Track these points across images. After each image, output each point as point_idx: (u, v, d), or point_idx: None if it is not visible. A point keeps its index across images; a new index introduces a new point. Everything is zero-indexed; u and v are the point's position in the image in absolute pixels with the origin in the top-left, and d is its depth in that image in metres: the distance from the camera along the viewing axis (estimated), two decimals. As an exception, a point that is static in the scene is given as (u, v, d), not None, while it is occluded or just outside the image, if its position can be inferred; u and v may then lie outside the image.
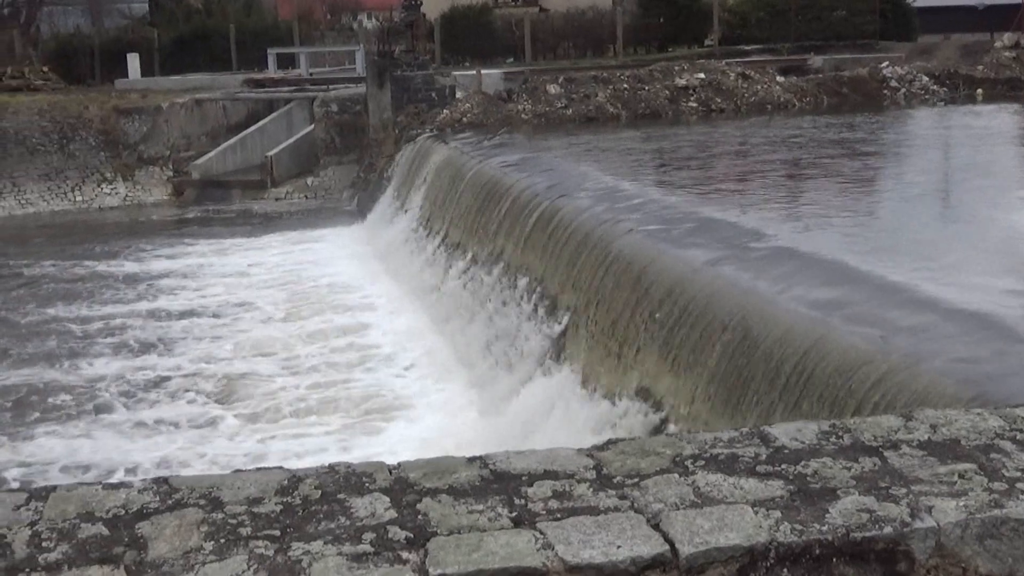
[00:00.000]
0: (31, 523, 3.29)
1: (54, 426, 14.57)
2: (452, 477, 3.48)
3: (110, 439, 14.04)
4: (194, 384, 16.01)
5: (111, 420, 14.73)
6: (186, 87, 40.37)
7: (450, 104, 29.61)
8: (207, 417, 14.67)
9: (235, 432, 14.08)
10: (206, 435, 14.07)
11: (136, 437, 14.09)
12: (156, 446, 13.71)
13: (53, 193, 33.95)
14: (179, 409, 15.01)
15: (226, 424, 14.39)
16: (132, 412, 14.98)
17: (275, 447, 13.34)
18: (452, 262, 18.77)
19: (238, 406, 15.01)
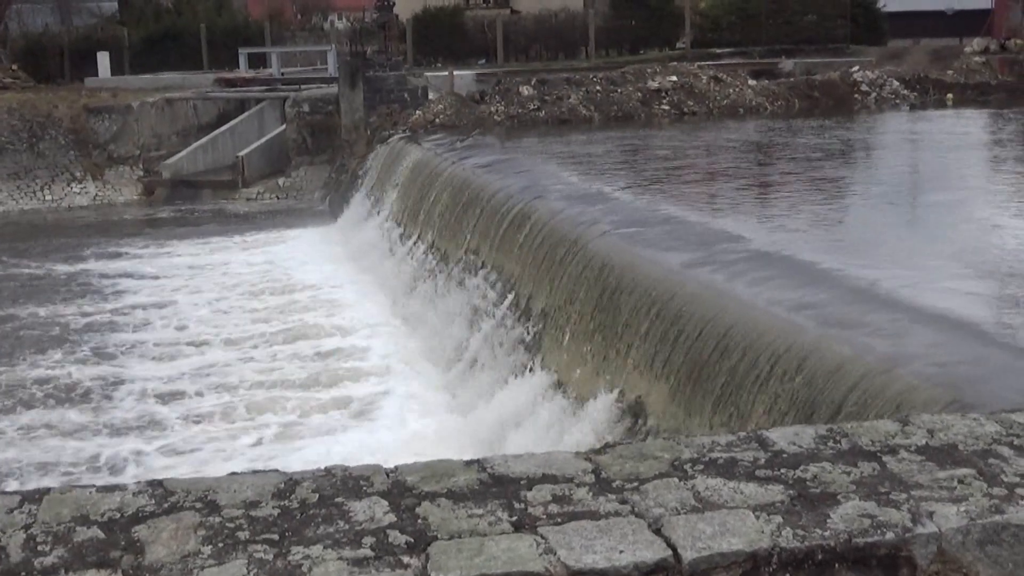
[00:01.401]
0: (25, 526, 3.25)
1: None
2: (450, 481, 3.46)
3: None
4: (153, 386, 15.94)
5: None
6: (157, 86, 40.17)
7: (423, 105, 29.57)
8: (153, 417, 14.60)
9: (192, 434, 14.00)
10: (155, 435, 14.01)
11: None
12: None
13: (22, 192, 33.70)
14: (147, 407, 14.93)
15: (181, 426, 14.32)
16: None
17: (231, 445, 13.30)
18: (426, 263, 18.74)
19: (193, 406, 14.95)
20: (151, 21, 53.71)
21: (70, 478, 12.47)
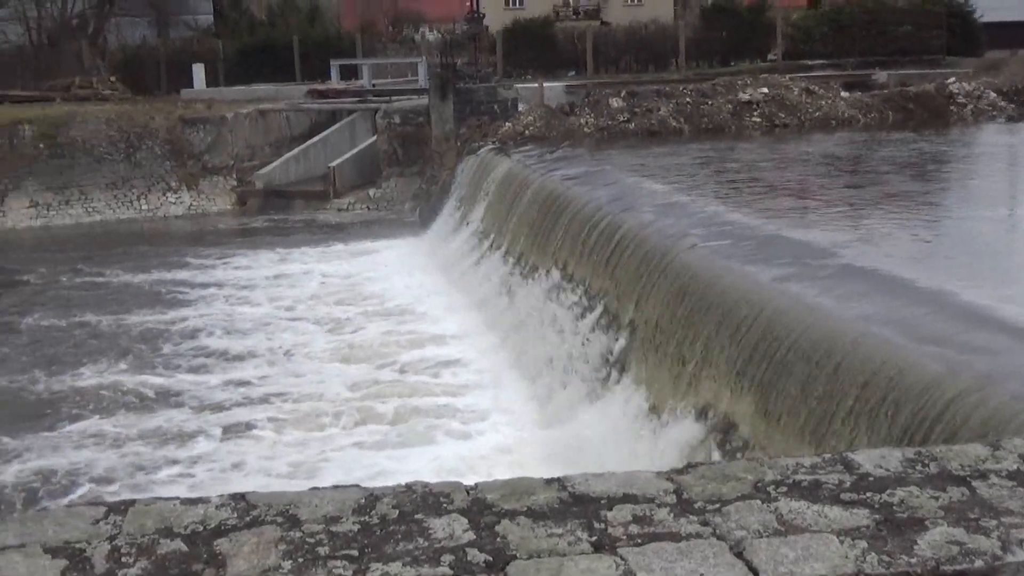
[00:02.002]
0: (110, 537, 3.28)
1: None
2: (530, 499, 3.44)
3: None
4: (256, 389, 16.11)
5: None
6: (250, 97, 40.73)
7: (512, 117, 29.62)
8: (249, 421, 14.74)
9: (283, 442, 14.11)
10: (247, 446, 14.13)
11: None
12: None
13: (119, 201, 34.35)
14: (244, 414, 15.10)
15: (276, 433, 14.44)
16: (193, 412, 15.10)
17: (319, 454, 13.38)
18: (513, 275, 18.76)
19: (288, 411, 15.07)
20: (245, 33, 54.51)
21: (152, 489, 12.63)
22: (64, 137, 34.77)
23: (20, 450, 14.25)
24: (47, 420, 15.44)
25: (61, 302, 23.05)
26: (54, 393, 16.74)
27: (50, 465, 13.65)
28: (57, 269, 26.49)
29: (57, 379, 17.38)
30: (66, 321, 21.24)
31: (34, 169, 34.21)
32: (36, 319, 21.59)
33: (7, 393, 16.96)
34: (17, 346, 19.78)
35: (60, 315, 21.72)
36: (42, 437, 14.70)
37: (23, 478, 13.36)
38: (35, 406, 16.24)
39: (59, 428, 15.06)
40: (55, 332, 20.56)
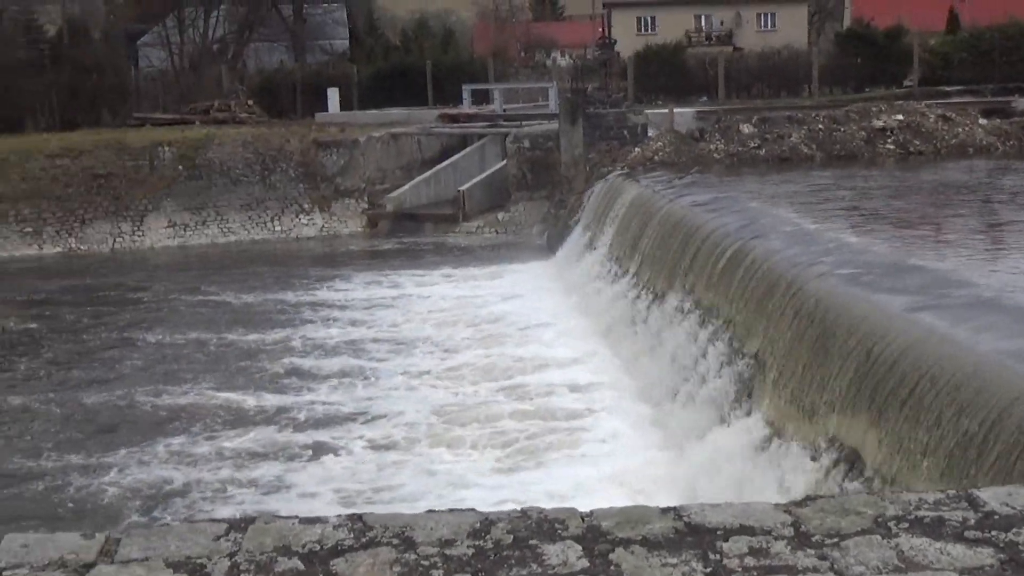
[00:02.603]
0: (230, 554, 3.35)
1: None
2: (645, 528, 3.42)
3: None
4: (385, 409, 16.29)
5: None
6: (383, 121, 41.28)
7: (642, 142, 29.55)
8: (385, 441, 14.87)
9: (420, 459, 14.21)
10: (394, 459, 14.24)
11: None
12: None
13: (254, 222, 35.08)
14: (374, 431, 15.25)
15: (392, 451, 14.55)
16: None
17: (434, 474, 13.44)
18: (640, 300, 18.68)
19: (406, 431, 15.19)
20: (380, 58, 55.30)
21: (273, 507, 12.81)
22: (202, 159, 35.64)
23: (128, 464, 14.59)
24: (157, 434, 15.79)
25: (185, 319, 23.63)
26: (165, 408, 17.15)
27: (160, 478, 13.96)
28: (187, 287, 27.17)
29: (171, 394, 17.81)
30: (186, 338, 21.77)
31: (173, 190, 35.12)
32: (157, 335, 22.23)
33: (122, 406, 17.41)
34: (135, 361, 20.29)
35: (183, 332, 22.27)
36: (147, 451, 15.03)
37: (133, 489, 13.68)
38: (147, 420, 16.64)
39: (165, 442, 15.40)
40: (173, 348, 21.07)
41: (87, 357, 20.91)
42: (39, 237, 34.20)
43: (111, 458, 14.84)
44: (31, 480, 14.33)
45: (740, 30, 71.71)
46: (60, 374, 19.74)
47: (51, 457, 15.10)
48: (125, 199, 34.95)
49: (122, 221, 34.67)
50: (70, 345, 22.03)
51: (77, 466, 14.66)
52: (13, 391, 18.69)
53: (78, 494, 13.69)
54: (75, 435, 16.12)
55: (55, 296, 27.49)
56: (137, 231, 34.63)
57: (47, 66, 47.62)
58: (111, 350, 21.34)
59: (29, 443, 15.86)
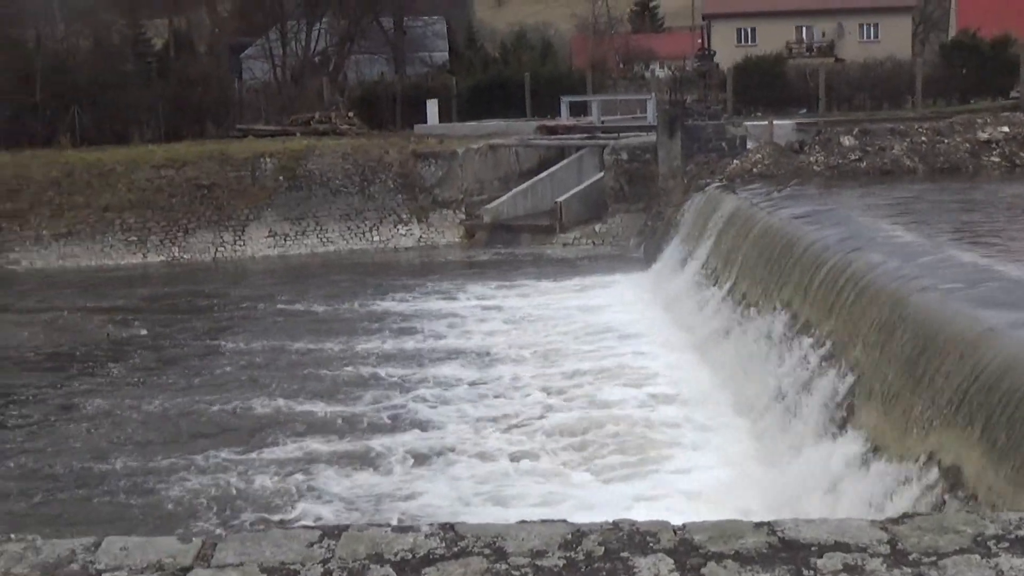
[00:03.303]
0: (323, 560, 3.38)
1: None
2: (738, 542, 3.39)
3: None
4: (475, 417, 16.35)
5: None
6: (481, 133, 41.48)
7: (740, 154, 29.35)
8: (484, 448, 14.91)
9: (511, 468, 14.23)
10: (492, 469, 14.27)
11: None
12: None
13: (352, 232, 35.44)
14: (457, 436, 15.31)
15: (481, 461, 14.58)
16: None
17: (526, 485, 13.44)
18: (737, 314, 18.54)
19: (496, 440, 15.22)
20: (479, 70, 55.55)
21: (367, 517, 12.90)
22: (302, 170, 36.10)
23: (216, 469, 14.79)
24: (244, 439, 16.01)
25: (283, 328, 23.91)
26: (255, 415, 17.40)
27: (245, 483, 14.13)
28: (285, 296, 27.51)
29: (261, 401, 18.05)
30: (282, 346, 22.06)
31: (274, 200, 35.61)
32: (253, 343, 22.57)
33: (213, 412, 17.70)
34: (228, 368, 20.61)
35: (280, 340, 22.58)
36: (237, 456, 15.24)
37: (217, 495, 13.85)
38: (235, 426, 16.89)
39: (253, 448, 15.61)
40: (266, 356, 21.36)
41: (181, 363, 21.26)
42: (144, 246, 34.87)
43: (193, 461, 15.09)
44: (106, 482, 14.59)
45: (842, 41, 70.93)
46: (152, 379, 20.04)
47: (128, 459, 15.37)
48: (227, 209, 35.51)
49: (224, 231, 35.22)
50: (166, 352, 22.41)
51: (156, 469, 14.91)
52: (100, 395, 19.06)
53: (155, 497, 13.90)
54: (158, 438, 16.41)
55: (157, 304, 28.01)
56: (238, 241, 35.16)
57: (154, 79, 48.57)
58: (205, 357, 21.67)
59: (108, 445, 16.15)
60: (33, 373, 21.03)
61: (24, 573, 3.61)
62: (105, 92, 44.74)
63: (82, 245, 34.73)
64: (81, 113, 43.32)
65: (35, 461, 15.61)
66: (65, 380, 20.35)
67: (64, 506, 13.95)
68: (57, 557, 3.67)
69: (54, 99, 43.75)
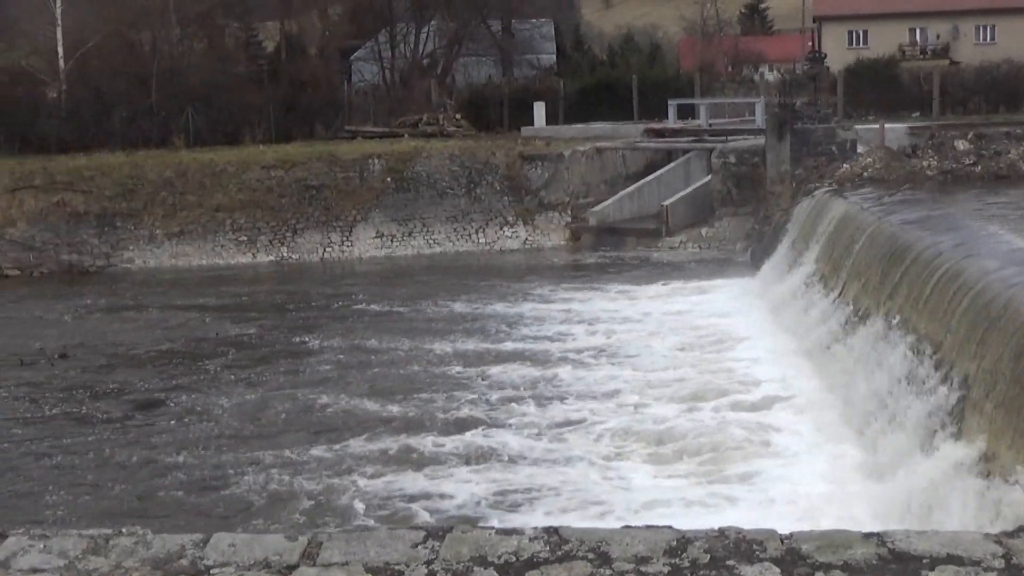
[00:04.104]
0: (427, 561, 3.39)
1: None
2: (847, 552, 3.33)
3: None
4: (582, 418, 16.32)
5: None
6: (587, 135, 41.46)
7: (851, 158, 28.94)
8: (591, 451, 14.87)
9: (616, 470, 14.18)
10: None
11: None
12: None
13: (458, 234, 35.62)
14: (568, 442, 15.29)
15: (589, 466, 14.53)
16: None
17: (629, 490, 13.37)
18: (846, 320, 18.28)
19: (599, 446, 15.16)
20: (586, 73, 55.54)
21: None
22: (410, 171, 36.36)
23: (314, 465, 14.94)
24: (343, 436, 16.18)
25: (388, 327, 24.12)
26: (353, 412, 17.60)
27: (348, 481, 14.26)
28: (392, 296, 27.76)
29: (362, 399, 18.24)
30: (386, 345, 22.25)
31: (381, 201, 35.92)
32: (356, 341, 22.84)
33: (296, 410, 17.93)
34: (327, 367, 20.87)
35: (384, 339, 22.81)
36: (332, 453, 15.45)
37: (313, 490, 13.99)
38: (335, 424, 17.07)
39: (351, 445, 15.81)
40: (369, 355, 21.57)
41: (286, 361, 21.52)
42: (253, 246, 35.38)
43: (288, 458, 15.33)
44: (204, 476, 14.86)
45: (957, 43, 69.58)
46: (257, 377, 20.30)
47: (229, 454, 15.67)
48: (335, 210, 35.89)
49: (332, 231, 35.60)
50: (272, 350, 22.72)
51: (253, 464, 15.17)
52: (207, 391, 19.47)
53: (252, 492, 14.10)
54: (257, 434, 16.73)
55: (266, 303, 28.41)
56: (346, 241, 35.51)
57: (265, 81, 49.27)
58: (309, 355, 21.94)
59: (213, 441, 16.46)
60: (143, 370, 21.45)
61: (135, 567, 3.67)
62: (218, 94, 45.47)
63: (194, 244, 35.35)
64: (194, 115, 44.06)
65: (139, 455, 15.93)
66: (173, 377, 20.73)
67: (165, 500, 14.20)
68: (167, 552, 3.73)
69: (169, 101, 44.56)
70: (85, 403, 19.00)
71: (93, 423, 17.75)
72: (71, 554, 3.82)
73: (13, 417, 18.18)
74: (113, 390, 19.88)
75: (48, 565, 3.77)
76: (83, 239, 35.09)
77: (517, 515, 12.71)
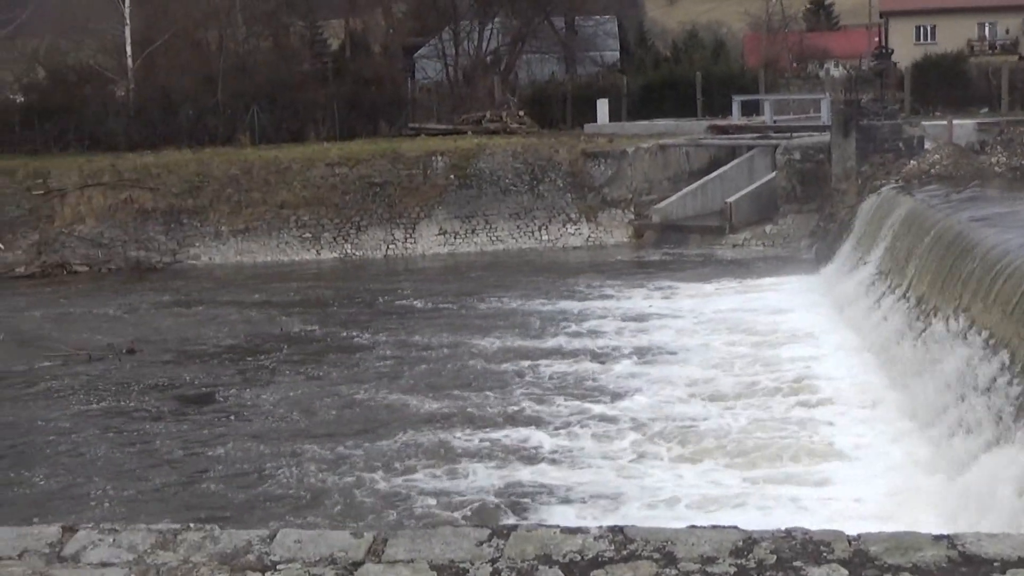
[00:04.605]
0: (492, 560, 3.39)
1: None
2: (916, 555, 3.30)
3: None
4: (641, 416, 16.26)
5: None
6: (651, 132, 41.30)
7: (918, 155, 28.65)
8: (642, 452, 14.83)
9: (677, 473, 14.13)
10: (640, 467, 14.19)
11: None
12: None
13: (521, 231, 35.64)
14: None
15: (660, 463, 14.48)
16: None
17: (698, 488, 13.31)
18: (911, 318, 18.09)
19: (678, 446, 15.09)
20: (650, 70, 55.30)
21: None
22: (473, 169, 36.43)
23: (374, 460, 15.01)
24: (402, 431, 16.26)
25: (452, 324, 24.24)
26: (400, 407, 17.69)
27: (408, 479, 14.31)
28: (455, 293, 27.85)
29: (424, 394, 18.38)
30: (447, 341, 22.35)
31: (444, 199, 36.03)
32: (416, 337, 22.98)
33: (354, 405, 18.07)
34: (388, 362, 21.03)
35: (446, 335, 22.92)
36: (393, 447, 15.58)
37: (374, 486, 14.06)
38: (392, 419, 17.18)
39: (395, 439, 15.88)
40: (429, 351, 21.69)
41: (349, 356, 21.70)
42: (317, 242, 35.61)
43: (349, 452, 15.43)
44: (267, 470, 14.98)
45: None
46: (321, 373, 20.47)
47: (277, 449, 15.78)
48: (398, 207, 36.03)
49: (395, 228, 35.76)
50: (333, 345, 22.91)
51: (312, 458, 15.27)
52: (261, 385, 19.69)
53: (314, 488, 14.18)
54: (318, 430, 16.81)
55: (330, 299, 28.58)
56: (409, 238, 35.65)
57: (329, 79, 49.50)
58: (370, 350, 22.11)
59: (274, 435, 16.64)
60: (209, 365, 21.66)
61: (202, 561, 3.71)
62: (283, 92, 45.76)
63: (258, 241, 35.64)
64: (260, 112, 44.39)
65: (201, 450, 16.12)
66: (239, 372, 20.95)
67: (225, 494, 14.33)
68: (234, 547, 3.76)
69: (234, 99, 44.91)
70: (152, 398, 19.22)
71: (159, 418, 17.97)
72: (140, 548, 3.86)
73: (82, 412, 18.41)
74: (179, 385, 20.10)
75: (117, 559, 3.81)
76: (150, 236, 35.50)
77: (596, 513, 12.68)
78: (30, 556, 3.91)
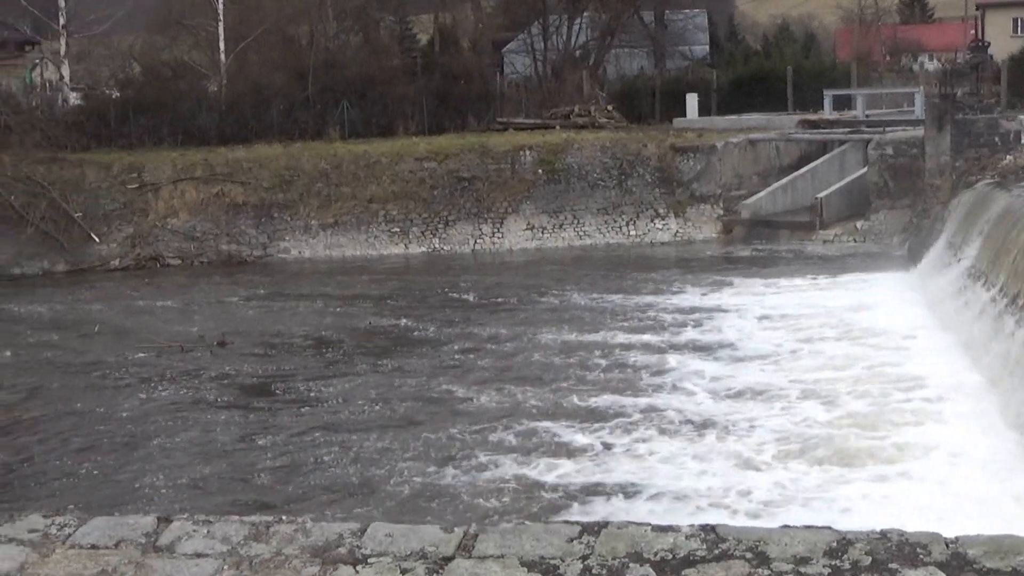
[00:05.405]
0: (583, 556, 3.38)
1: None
2: (1017, 559, 3.23)
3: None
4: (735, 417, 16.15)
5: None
6: (741, 127, 41.03)
7: (1015, 149, 28.13)
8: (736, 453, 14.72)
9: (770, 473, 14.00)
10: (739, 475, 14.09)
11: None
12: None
13: (609, 226, 35.58)
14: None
15: (752, 460, 14.36)
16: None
17: (781, 490, 13.17)
18: (1007, 316, 17.75)
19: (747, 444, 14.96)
20: (740, 64, 54.93)
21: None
22: (561, 163, 36.42)
23: (459, 454, 15.04)
24: (491, 426, 16.32)
25: (538, 319, 24.24)
26: (501, 402, 17.72)
27: (494, 469, 14.30)
28: (544, 289, 27.85)
29: (509, 388, 18.39)
30: (534, 336, 22.33)
31: (532, 193, 36.06)
32: (503, 329, 23.16)
33: (423, 398, 18.21)
34: (473, 356, 21.13)
35: (531, 330, 22.93)
36: (477, 439, 15.63)
37: (461, 483, 14.07)
38: (475, 411, 17.25)
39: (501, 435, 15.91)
40: (516, 345, 21.73)
41: (436, 350, 21.74)
42: (405, 237, 35.82)
43: (430, 444, 15.52)
44: (357, 464, 15.05)
45: None
46: (406, 367, 20.51)
47: (367, 443, 15.86)
48: (486, 202, 36.13)
49: (483, 223, 35.86)
50: (421, 339, 22.97)
51: (394, 453, 15.37)
52: (350, 379, 19.81)
53: (402, 484, 14.23)
54: (399, 423, 16.93)
55: (417, 294, 28.72)
56: (497, 233, 35.73)
57: (418, 73, 49.73)
58: (454, 343, 22.19)
59: (361, 427, 16.74)
60: (298, 358, 21.87)
61: (294, 554, 3.74)
62: (372, 87, 46.04)
63: (348, 235, 35.92)
64: (349, 107, 44.72)
65: (292, 443, 16.23)
66: (328, 365, 21.13)
67: (315, 485, 14.45)
68: (326, 540, 3.79)
69: (324, 93, 45.26)
70: (241, 391, 19.44)
71: (248, 410, 18.17)
72: (233, 540, 3.90)
73: (174, 403, 18.67)
74: (269, 379, 20.30)
75: (211, 550, 3.86)
76: (241, 229, 35.93)
77: (705, 513, 12.62)
78: (126, 546, 3.97)
